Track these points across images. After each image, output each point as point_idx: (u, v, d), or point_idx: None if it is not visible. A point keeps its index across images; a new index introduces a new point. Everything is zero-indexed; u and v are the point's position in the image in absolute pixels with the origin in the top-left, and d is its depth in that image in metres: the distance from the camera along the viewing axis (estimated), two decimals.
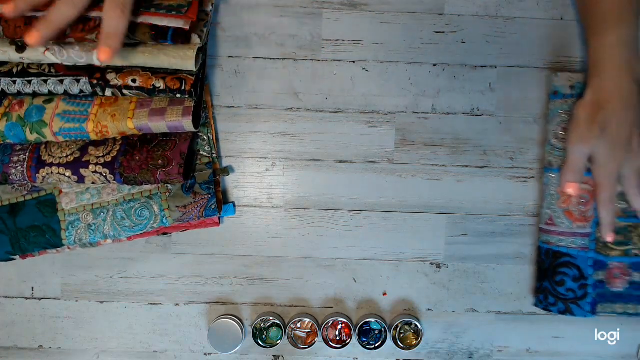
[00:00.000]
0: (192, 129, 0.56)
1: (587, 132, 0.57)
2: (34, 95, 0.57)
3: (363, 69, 0.64)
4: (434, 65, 0.64)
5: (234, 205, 0.63)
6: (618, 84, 0.56)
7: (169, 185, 0.59)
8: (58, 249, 0.60)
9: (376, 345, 0.62)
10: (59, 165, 0.56)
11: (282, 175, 0.64)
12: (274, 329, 0.63)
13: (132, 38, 0.54)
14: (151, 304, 0.64)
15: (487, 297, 0.64)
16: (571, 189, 0.59)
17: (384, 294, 0.64)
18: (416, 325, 0.62)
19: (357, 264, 0.64)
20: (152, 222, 0.59)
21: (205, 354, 0.64)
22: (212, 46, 0.63)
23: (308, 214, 0.64)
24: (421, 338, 0.62)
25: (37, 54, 0.54)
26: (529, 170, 0.64)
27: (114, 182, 0.56)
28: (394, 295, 0.64)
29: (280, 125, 0.63)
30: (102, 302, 0.64)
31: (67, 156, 0.56)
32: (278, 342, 0.62)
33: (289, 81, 0.63)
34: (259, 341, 0.62)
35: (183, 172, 0.56)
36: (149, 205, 0.59)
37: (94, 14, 0.54)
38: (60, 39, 0.54)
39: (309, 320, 0.62)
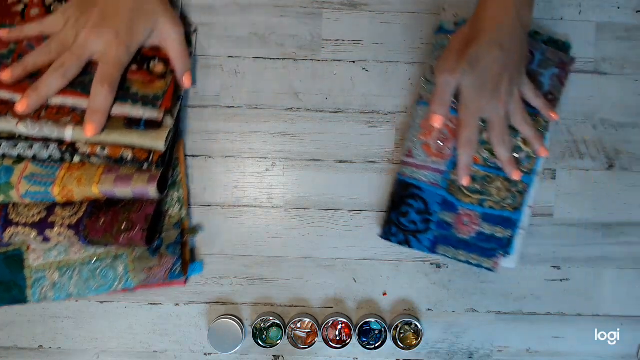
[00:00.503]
0: (157, 196, 0.56)
1: (455, 63, 0.53)
2: (3, 157, 0.57)
3: (363, 69, 0.64)
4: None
5: (202, 264, 0.63)
6: (499, 21, 0.54)
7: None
8: (23, 304, 0.60)
9: (376, 345, 0.62)
10: (25, 224, 0.56)
11: (282, 175, 0.64)
12: (274, 329, 0.63)
13: (105, 125, 0.56)
14: (151, 304, 0.64)
15: (487, 297, 0.64)
16: (436, 122, 0.55)
17: (384, 294, 0.64)
18: (416, 325, 0.62)
19: (357, 264, 0.64)
20: (116, 283, 0.59)
21: (205, 354, 0.64)
22: (212, 46, 0.63)
23: (308, 214, 0.64)
24: (421, 338, 0.62)
25: (9, 125, 0.55)
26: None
27: (79, 242, 0.56)
28: (394, 295, 0.64)
29: (280, 125, 0.63)
30: (102, 302, 0.64)
31: (33, 215, 0.56)
32: (278, 342, 0.62)
33: (289, 81, 0.63)
34: (259, 341, 0.62)
35: (147, 236, 0.56)
36: (115, 266, 0.59)
37: (69, 101, 0.55)
38: (34, 119, 0.55)
39: (309, 320, 0.62)
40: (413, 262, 0.64)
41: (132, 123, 0.56)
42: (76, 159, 0.56)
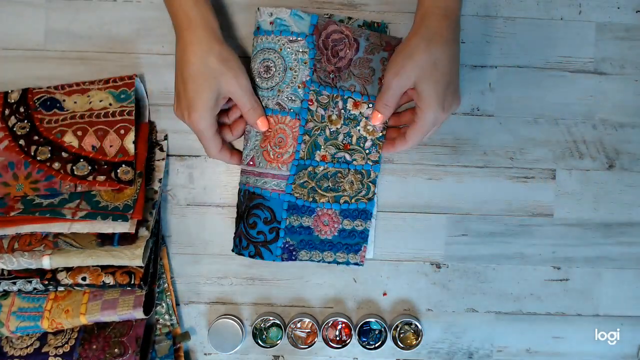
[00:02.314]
0: (143, 317, 0.57)
1: (411, 68, 0.53)
2: None
3: None
4: None
5: None
6: (450, 15, 0.54)
7: None
8: None
9: (376, 345, 0.62)
10: (19, 357, 0.57)
11: None
12: (274, 329, 0.63)
13: (78, 245, 0.55)
14: None
15: (487, 297, 0.64)
16: (377, 120, 0.58)
17: (384, 294, 0.64)
18: (416, 325, 0.62)
19: None
20: None
21: (205, 354, 0.64)
22: None
23: None
24: (421, 338, 0.62)
25: None
26: (529, 170, 0.64)
27: None
28: (394, 295, 0.64)
29: None
30: None
31: (27, 347, 0.57)
32: (278, 342, 0.62)
33: None
34: (259, 341, 0.62)
35: (141, 352, 0.56)
36: None
37: (38, 228, 0.55)
38: (9, 252, 0.55)
39: (309, 320, 0.62)
40: (413, 262, 0.64)
41: (105, 240, 0.56)
42: (60, 288, 0.57)
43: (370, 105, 0.60)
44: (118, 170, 0.58)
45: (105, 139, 0.58)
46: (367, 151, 0.61)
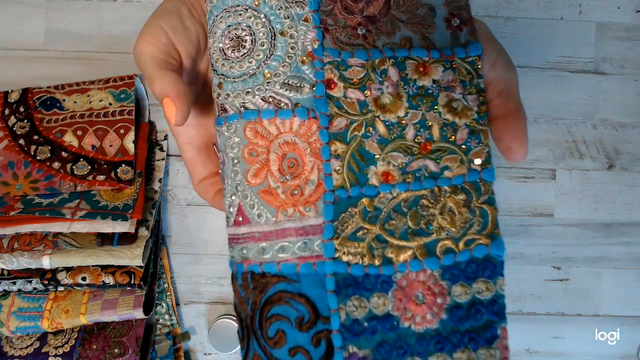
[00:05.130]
0: (143, 317, 0.57)
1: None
2: None
3: None
4: None
5: None
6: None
7: None
8: None
9: None
10: (19, 357, 0.57)
11: None
12: None
13: (78, 245, 0.56)
14: None
15: None
16: (523, 151, 0.35)
17: None
18: None
19: None
20: None
21: (205, 354, 0.64)
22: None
23: None
24: None
25: None
26: (529, 170, 0.64)
27: None
28: None
29: None
30: None
31: (27, 347, 0.57)
32: None
33: None
34: None
35: (141, 351, 0.57)
36: None
37: (38, 228, 0.55)
38: (9, 251, 0.55)
39: None
40: None
41: (104, 240, 0.56)
42: (60, 288, 0.57)
43: (447, 65, 0.33)
44: (118, 170, 0.58)
45: (105, 139, 0.58)
46: (465, 147, 0.33)
